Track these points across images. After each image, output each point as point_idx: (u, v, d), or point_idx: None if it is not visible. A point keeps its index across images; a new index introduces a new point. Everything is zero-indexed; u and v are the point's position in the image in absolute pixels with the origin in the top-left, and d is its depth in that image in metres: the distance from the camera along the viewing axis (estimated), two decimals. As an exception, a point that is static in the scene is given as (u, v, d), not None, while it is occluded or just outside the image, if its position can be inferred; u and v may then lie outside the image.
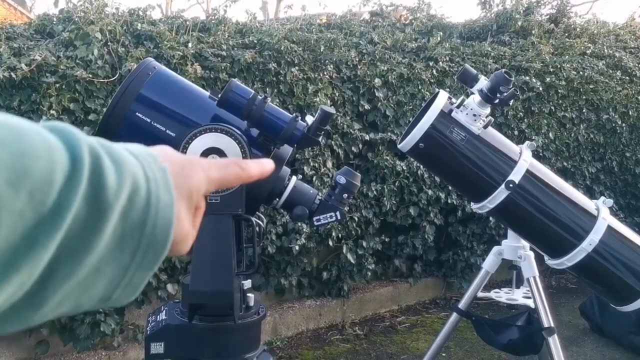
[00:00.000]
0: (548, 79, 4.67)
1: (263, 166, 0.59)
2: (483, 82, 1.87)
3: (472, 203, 2.11)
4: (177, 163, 0.49)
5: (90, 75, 2.81)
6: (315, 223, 1.38)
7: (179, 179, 0.48)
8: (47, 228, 0.35)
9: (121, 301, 0.45)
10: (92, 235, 0.39)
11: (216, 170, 0.53)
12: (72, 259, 0.38)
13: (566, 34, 5.56)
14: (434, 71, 4.17)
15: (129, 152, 0.44)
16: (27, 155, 0.34)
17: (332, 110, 1.35)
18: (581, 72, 4.94)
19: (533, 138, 4.47)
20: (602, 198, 2.08)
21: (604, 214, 1.99)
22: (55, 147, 0.37)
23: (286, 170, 1.41)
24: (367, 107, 3.85)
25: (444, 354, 3.43)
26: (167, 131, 1.33)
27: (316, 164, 3.51)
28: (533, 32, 5.23)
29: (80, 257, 0.38)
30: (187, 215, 0.49)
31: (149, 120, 1.32)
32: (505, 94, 1.83)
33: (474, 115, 1.86)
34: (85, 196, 0.37)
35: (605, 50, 5.36)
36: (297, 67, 3.52)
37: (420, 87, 4.04)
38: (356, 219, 3.72)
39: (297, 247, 3.43)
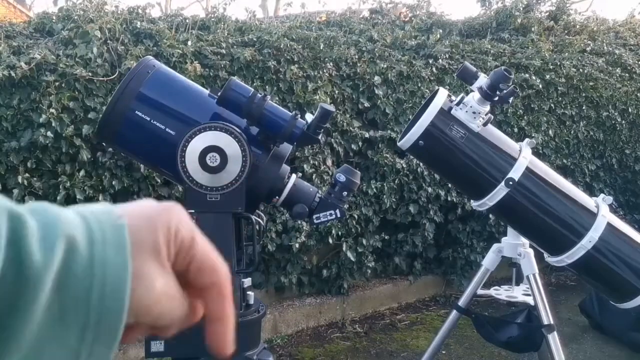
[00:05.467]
0: (548, 77, 4.67)
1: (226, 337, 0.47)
2: (483, 80, 1.87)
3: (471, 200, 2.11)
4: (143, 215, 0.42)
5: (90, 74, 2.81)
6: (315, 221, 1.38)
7: (143, 232, 0.41)
8: None
9: None
10: (21, 309, 0.35)
11: (201, 237, 0.45)
12: (1, 338, 0.34)
13: (566, 31, 5.56)
14: (434, 69, 4.17)
15: (76, 213, 0.39)
16: None
17: (331, 108, 1.35)
18: (581, 70, 4.94)
19: (533, 135, 4.47)
20: (602, 195, 2.08)
21: (603, 212, 1.99)
22: None
23: (286, 168, 1.41)
24: (366, 104, 3.85)
25: (444, 352, 3.44)
26: (167, 129, 1.33)
27: (316, 162, 3.51)
28: (533, 29, 5.22)
29: (11, 334, 0.35)
30: (157, 271, 0.41)
31: (148, 118, 1.32)
32: (504, 91, 1.83)
33: (474, 112, 1.86)
34: (5, 264, 0.34)
35: (605, 48, 5.36)
36: (296, 65, 3.52)
37: (419, 85, 4.04)
38: (356, 216, 3.72)
39: (297, 245, 3.43)
